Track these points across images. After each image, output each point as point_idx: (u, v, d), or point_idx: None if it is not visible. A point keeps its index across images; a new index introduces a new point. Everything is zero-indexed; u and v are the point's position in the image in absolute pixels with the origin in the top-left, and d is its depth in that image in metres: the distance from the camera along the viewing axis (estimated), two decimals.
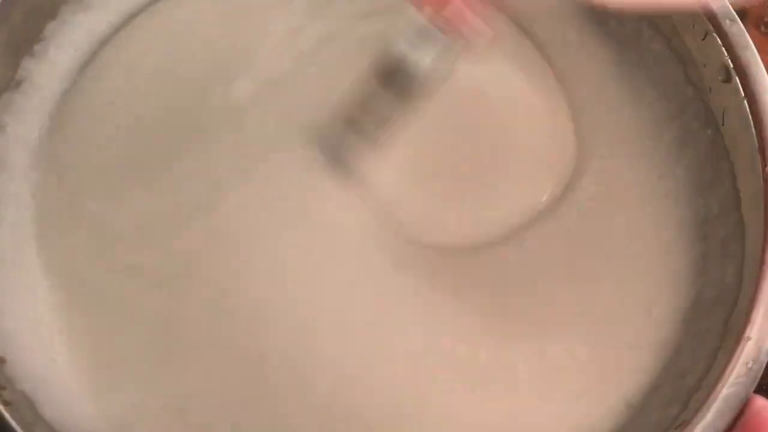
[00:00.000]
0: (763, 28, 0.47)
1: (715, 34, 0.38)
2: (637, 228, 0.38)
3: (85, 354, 0.35)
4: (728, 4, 0.37)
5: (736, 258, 0.36)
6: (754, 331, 0.33)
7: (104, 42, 0.41)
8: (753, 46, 0.37)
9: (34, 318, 0.36)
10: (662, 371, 0.36)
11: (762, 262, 0.34)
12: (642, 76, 0.41)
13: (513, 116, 0.39)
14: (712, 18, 0.37)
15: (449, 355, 0.35)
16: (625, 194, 0.39)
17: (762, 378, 0.32)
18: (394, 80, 0.31)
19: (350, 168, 0.34)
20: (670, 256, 0.38)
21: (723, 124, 0.38)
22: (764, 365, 0.33)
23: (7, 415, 0.31)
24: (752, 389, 0.33)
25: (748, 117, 0.37)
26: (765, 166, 0.36)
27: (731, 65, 0.37)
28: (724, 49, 0.37)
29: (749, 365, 0.33)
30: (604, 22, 0.42)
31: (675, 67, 0.40)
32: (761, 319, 0.34)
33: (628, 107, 0.41)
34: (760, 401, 0.32)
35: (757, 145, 0.36)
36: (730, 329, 0.35)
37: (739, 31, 0.37)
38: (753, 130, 0.36)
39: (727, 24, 0.37)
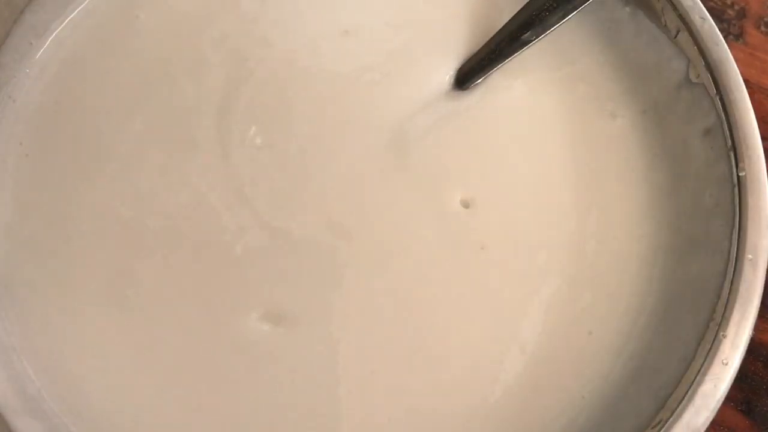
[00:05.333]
0: (763, 27, 0.47)
1: (686, 32, 0.38)
2: (611, 222, 0.38)
3: None
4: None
5: (713, 256, 0.36)
6: (730, 329, 0.33)
7: None
8: (724, 43, 0.37)
9: None
10: (638, 369, 0.36)
11: (738, 262, 0.34)
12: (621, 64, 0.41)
13: None
14: (684, 15, 0.38)
15: None
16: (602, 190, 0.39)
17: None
18: None
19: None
20: (646, 252, 0.38)
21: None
22: (740, 362, 0.33)
23: None
24: (728, 387, 0.33)
25: (721, 115, 0.37)
26: (737, 164, 0.36)
27: (703, 63, 0.37)
28: (695, 46, 0.37)
29: (725, 363, 0.33)
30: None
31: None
32: (738, 317, 0.34)
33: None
34: None
35: (730, 143, 0.36)
36: (708, 328, 0.35)
37: (710, 28, 0.37)
38: (725, 127, 0.36)
39: (699, 22, 0.38)
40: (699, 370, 0.33)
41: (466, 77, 0.39)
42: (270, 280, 0.36)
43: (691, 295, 0.36)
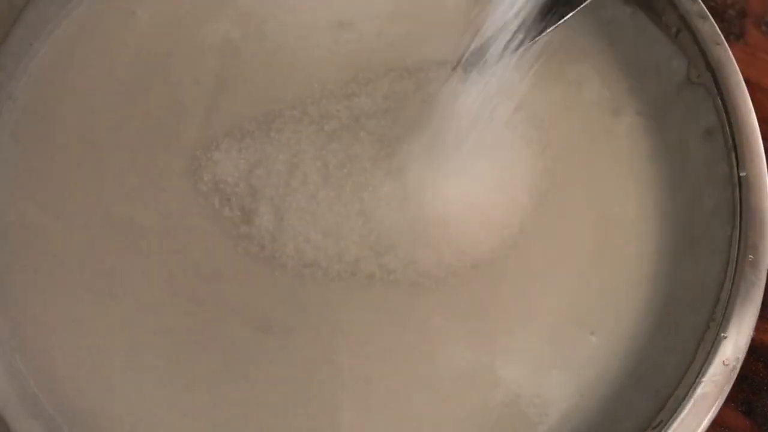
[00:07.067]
0: (763, 27, 0.47)
1: (687, 32, 0.38)
2: (610, 222, 0.38)
3: None
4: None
5: (713, 256, 0.36)
6: (730, 329, 0.33)
7: None
8: (725, 43, 0.37)
9: None
10: (638, 369, 0.36)
11: (738, 262, 0.34)
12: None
13: None
14: (684, 15, 0.38)
15: None
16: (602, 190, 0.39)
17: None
18: None
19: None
20: (646, 252, 0.37)
21: None
22: (741, 363, 0.33)
23: None
24: (729, 388, 0.33)
25: (722, 115, 0.37)
26: (738, 164, 0.36)
27: (703, 63, 0.37)
28: (696, 46, 0.37)
29: (726, 363, 0.33)
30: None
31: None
32: (738, 317, 0.34)
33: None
34: None
35: (730, 143, 0.36)
36: (708, 328, 0.35)
37: (711, 28, 0.37)
38: (726, 128, 0.36)
39: (699, 22, 0.37)
40: (699, 371, 0.33)
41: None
42: (266, 281, 0.36)
43: (691, 295, 0.36)
